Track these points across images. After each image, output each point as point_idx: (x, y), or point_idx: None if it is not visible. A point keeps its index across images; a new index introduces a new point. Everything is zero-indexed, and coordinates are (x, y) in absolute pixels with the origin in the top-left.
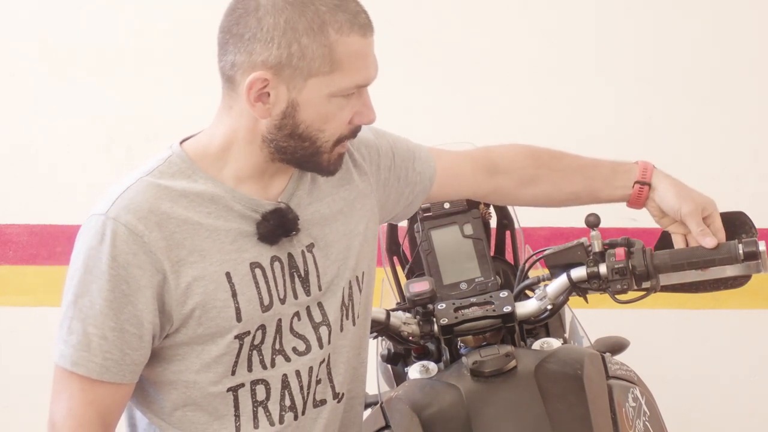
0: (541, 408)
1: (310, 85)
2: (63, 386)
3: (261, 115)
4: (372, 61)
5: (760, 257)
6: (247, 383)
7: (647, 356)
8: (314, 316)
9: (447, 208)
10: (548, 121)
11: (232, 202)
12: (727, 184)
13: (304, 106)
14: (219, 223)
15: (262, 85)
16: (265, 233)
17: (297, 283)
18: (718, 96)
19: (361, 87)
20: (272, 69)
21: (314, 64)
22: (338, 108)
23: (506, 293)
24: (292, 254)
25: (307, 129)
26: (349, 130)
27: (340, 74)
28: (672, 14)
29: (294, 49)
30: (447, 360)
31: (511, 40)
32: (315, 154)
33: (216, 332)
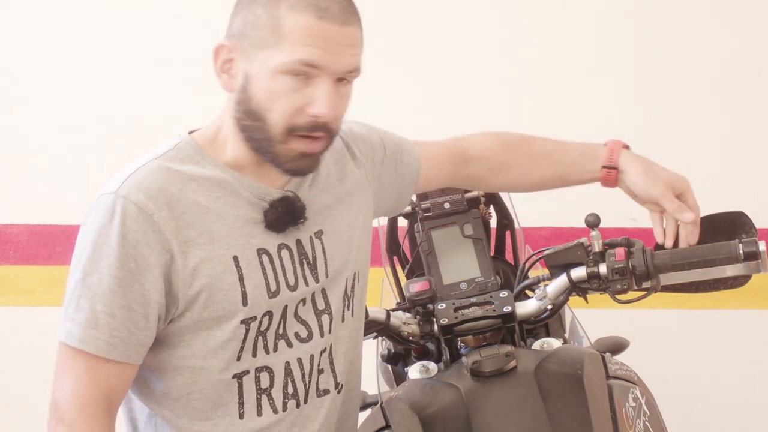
0: (541, 408)
1: (259, 58)
2: (68, 365)
3: (225, 86)
4: (332, 47)
5: (760, 257)
6: (252, 370)
7: (647, 356)
8: (318, 304)
9: (447, 208)
10: (548, 121)
11: (240, 189)
12: (727, 184)
13: (255, 79)
14: (227, 209)
15: (227, 56)
16: (273, 221)
17: (306, 269)
18: (718, 96)
19: (309, 65)
20: (233, 38)
21: (262, 34)
22: (285, 88)
23: (506, 293)
24: (300, 241)
25: (258, 106)
26: (305, 121)
27: (284, 47)
28: (672, 14)
29: (249, 19)
30: (447, 360)
31: (512, 40)
32: (269, 141)
33: (222, 316)
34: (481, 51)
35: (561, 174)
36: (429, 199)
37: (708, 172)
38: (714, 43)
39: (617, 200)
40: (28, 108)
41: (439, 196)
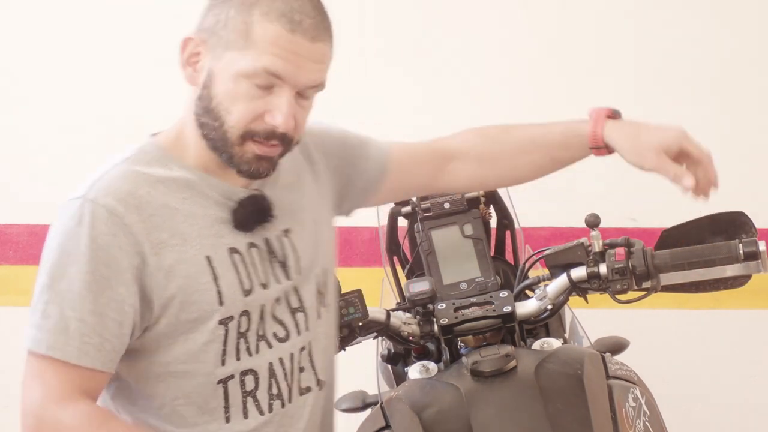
0: (541, 408)
1: (225, 58)
2: (36, 373)
3: (189, 79)
4: (298, 61)
5: (760, 257)
6: (237, 374)
7: (647, 356)
8: (291, 302)
9: (447, 208)
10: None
11: (207, 189)
12: (727, 184)
13: (218, 78)
14: (196, 209)
15: (194, 49)
16: (241, 220)
17: (277, 267)
18: (718, 96)
19: (272, 75)
20: (202, 34)
21: (232, 36)
22: (246, 93)
23: (506, 293)
24: (269, 239)
25: (217, 105)
26: (262, 128)
27: (250, 53)
28: (672, 14)
29: (222, 17)
30: (447, 360)
31: (512, 40)
32: (225, 141)
33: (198, 317)
34: (481, 51)
35: (552, 156)
36: (429, 199)
37: None
38: (714, 43)
39: (617, 200)
40: (28, 108)
41: (439, 196)
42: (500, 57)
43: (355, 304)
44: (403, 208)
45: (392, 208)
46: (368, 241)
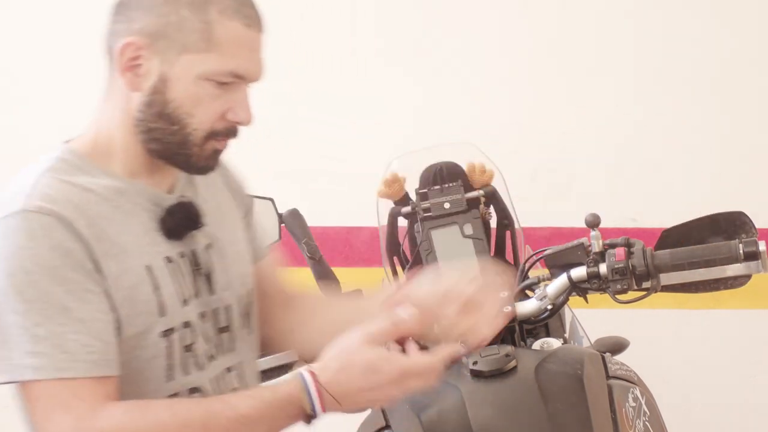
0: (541, 408)
1: (183, 61)
2: (53, 402)
3: (130, 85)
4: (255, 57)
5: (760, 257)
6: (184, 392)
7: (647, 356)
8: (220, 320)
9: (447, 208)
10: (547, 121)
11: (136, 196)
12: (727, 184)
13: (175, 82)
14: (128, 218)
15: (134, 54)
16: (172, 228)
17: (201, 281)
18: (718, 96)
19: (237, 76)
20: (148, 37)
21: (190, 38)
22: (209, 94)
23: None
24: (195, 251)
25: (176, 110)
26: (223, 126)
27: (215, 56)
28: (671, 14)
29: (172, 19)
30: None
31: (512, 39)
32: (184, 144)
33: (142, 331)
34: (481, 51)
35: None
36: (429, 199)
37: (708, 172)
38: (714, 43)
39: (617, 200)
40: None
41: (439, 196)
42: (500, 57)
43: None
44: (403, 208)
45: (392, 208)
46: (368, 241)
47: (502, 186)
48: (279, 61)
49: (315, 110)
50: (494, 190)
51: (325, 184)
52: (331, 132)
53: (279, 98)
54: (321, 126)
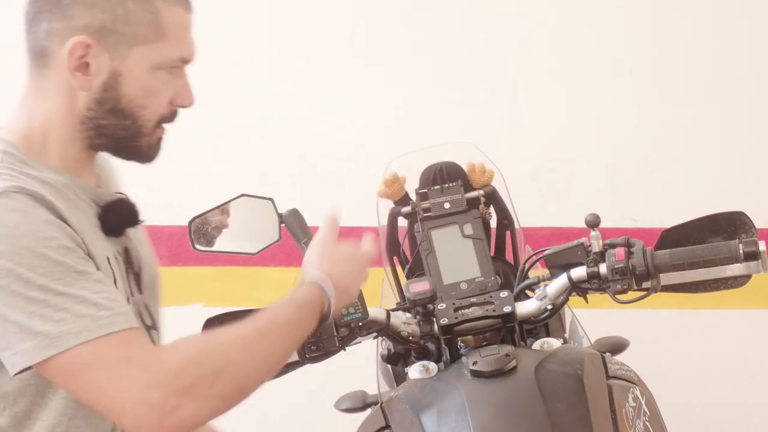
0: (541, 408)
1: (134, 54)
2: (107, 362)
3: (80, 86)
4: (190, 38)
5: (760, 257)
6: None
7: (647, 356)
8: (145, 318)
9: (447, 208)
10: (548, 122)
11: (80, 193)
12: (727, 184)
13: (128, 77)
14: (78, 213)
15: (83, 52)
16: (114, 225)
17: (132, 279)
18: (718, 95)
19: (184, 61)
20: (95, 34)
21: (140, 30)
22: (161, 83)
23: (506, 293)
24: (128, 249)
25: (129, 104)
26: (169, 111)
27: (165, 44)
28: (671, 14)
29: (119, 13)
30: (447, 360)
31: (511, 40)
32: (136, 136)
33: None
34: (482, 51)
35: None
36: (429, 199)
37: (708, 172)
38: (714, 43)
39: (617, 200)
40: None
41: (439, 196)
42: (500, 57)
43: (356, 304)
44: (403, 208)
45: (392, 208)
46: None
47: (502, 186)
48: (279, 61)
49: (315, 110)
50: (494, 190)
51: (325, 184)
52: (331, 132)
53: (279, 98)
54: (321, 126)
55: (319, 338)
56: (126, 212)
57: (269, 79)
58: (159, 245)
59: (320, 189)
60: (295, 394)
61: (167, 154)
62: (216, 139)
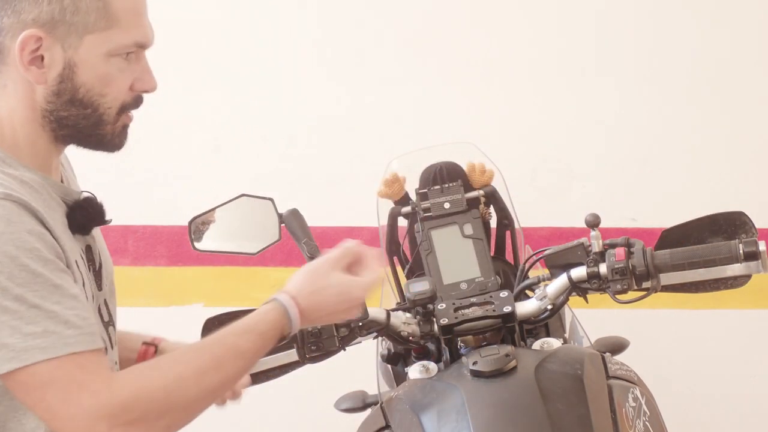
0: (541, 408)
1: (87, 43)
2: (64, 383)
3: (36, 79)
4: (148, 22)
5: (760, 257)
6: None
7: (647, 356)
8: (103, 314)
9: (447, 208)
10: (548, 122)
11: (51, 190)
12: (727, 184)
13: (82, 66)
14: (51, 212)
15: (35, 46)
16: (82, 223)
17: (92, 275)
18: (718, 96)
19: (140, 46)
20: (44, 27)
21: (89, 18)
22: (118, 70)
23: (506, 293)
24: (90, 247)
25: (87, 93)
26: (132, 97)
27: (117, 30)
28: (673, 14)
29: (66, 3)
30: (447, 360)
31: (513, 39)
32: (98, 125)
33: None
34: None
35: None
36: (429, 199)
37: (708, 172)
38: (714, 44)
39: (617, 200)
40: None
41: (439, 196)
42: (501, 57)
43: None
44: (403, 208)
45: (392, 208)
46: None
47: (502, 186)
48: (279, 60)
49: (315, 110)
50: (494, 190)
51: (325, 184)
52: (331, 132)
53: (279, 98)
54: (321, 126)
55: (319, 338)
56: (93, 211)
57: (269, 78)
58: (159, 245)
59: (320, 189)
60: (295, 394)
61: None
62: (216, 139)
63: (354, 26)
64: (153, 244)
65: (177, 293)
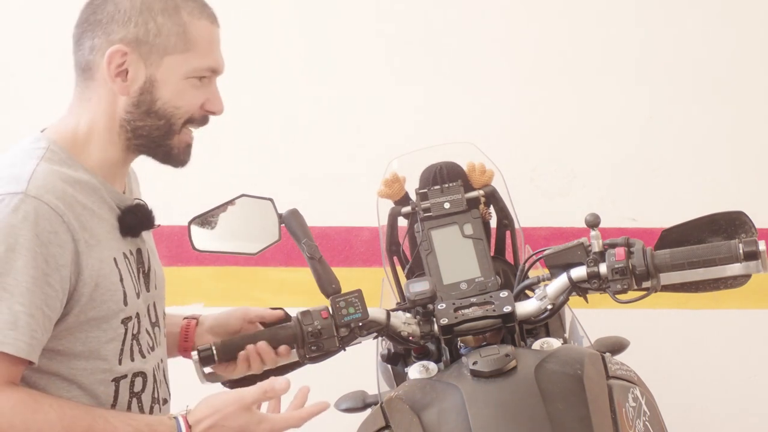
0: (541, 408)
1: (166, 63)
2: None
3: (121, 90)
4: (220, 50)
5: (760, 257)
6: (129, 374)
7: (647, 356)
8: (151, 315)
9: (447, 208)
10: (549, 122)
11: (105, 194)
12: (727, 184)
13: (162, 82)
14: (101, 212)
15: (120, 60)
16: (131, 226)
17: (142, 277)
18: (718, 96)
19: (213, 71)
20: (130, 44)
21: (170, 41)
22: (192, 88)
23: (506, 293)
24: (140, 250)
25: (163, 106)
26: (200, 115)
27: (194, 54)
28: (673, 14)
29: (150, 26)
30: (447, 360)
31: (514, 39)
32: (167, 135)
33: (104, 315)
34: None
35: None
36: (429, 199)
37: (708, 172)
38: (714, 44)
39: (617, 200)
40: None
41: (439, 196)
42: (502, 56)
43: (355, 304)
44: (403, 208)
45: (392, 208)
46: (368, 241)
47: (502, 186)
48: (279, 62)
49: (315, 110)
50: (494, 190)
51: (325, 184)
52: (331, 132)
53: (279, 99)
54: (321, 126)
55: (319, 338)
56: (143, 216)
57: (269, 79)
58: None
59: (320, 189)
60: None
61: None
62: (216, 138)
63: (354, 26)
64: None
65: (177, 293)
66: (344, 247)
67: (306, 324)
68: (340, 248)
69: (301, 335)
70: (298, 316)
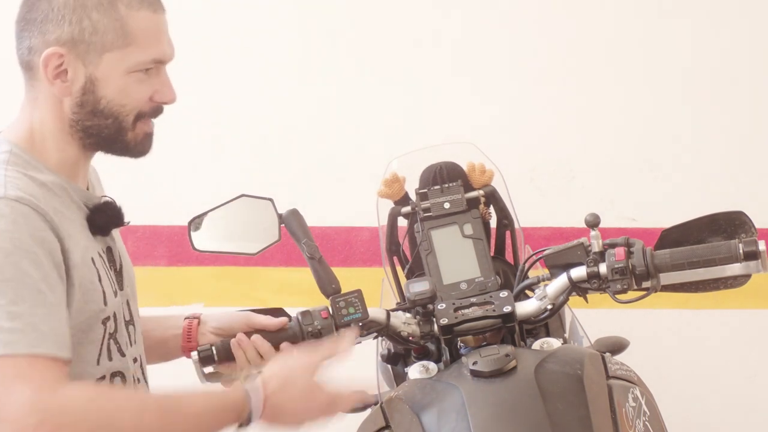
0: (541, 408)
1: (106, 60)
2: (14, 375)
3: (61, 92)
4: (167, 38)
5: (760, 257)
6: (108, 375)
7: (647, 356)
8: (125, 314)
9: (447, 208)
10: (549, 122)
11: (72, 194)
12: (727, 184)
13: (103, 80)
14: (70, 213)
15: (58, 62)
16: (101, 225)
17: (114, 276)
18: (718, 96)
19: (158, 62)
20: (66, 45)
21: (107, 38)
22: (137, 82)
23: (506, 293)
24: (111, 248)
25: (108, 104)
26: (150, 107)
27: (135, 48)
28: (672, 14)
29: (86, 24)
30: (447, 360)
31: (515, 40)
32: (119, 132)
33: (89, 317)
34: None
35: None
36: (429, 199)
37: (708, 172)
38: (714, 44)
39: (617, 200)
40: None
41: (438, 196)
42: (504, 57)
43: (355, 304)
44: (403, 208)
45: (392, 208)
46: (368, 241)
47: (502, 186)
48: (278, 61)
49: (315, 110)
50: (494, 190)
51: (325, 184)
52: (331, 132)
53: (279, 98)
54: (321, 126)
55: (319, 338)
56: (113, 213)
57: (269, 79)
58: (159, 245)
59: (320, 189)
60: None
61: (166, 154)
62: (216, 139)
63: (354, 25)
64: (153, 244)
65: (177, 293)
66: (344, 247)
67: (306, 324)
68: (340, 248)
69: (301, 335)
70: (298, 316)
